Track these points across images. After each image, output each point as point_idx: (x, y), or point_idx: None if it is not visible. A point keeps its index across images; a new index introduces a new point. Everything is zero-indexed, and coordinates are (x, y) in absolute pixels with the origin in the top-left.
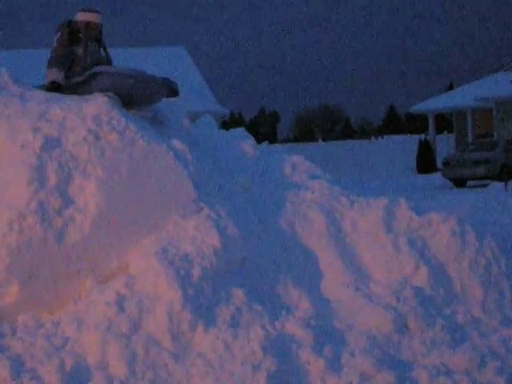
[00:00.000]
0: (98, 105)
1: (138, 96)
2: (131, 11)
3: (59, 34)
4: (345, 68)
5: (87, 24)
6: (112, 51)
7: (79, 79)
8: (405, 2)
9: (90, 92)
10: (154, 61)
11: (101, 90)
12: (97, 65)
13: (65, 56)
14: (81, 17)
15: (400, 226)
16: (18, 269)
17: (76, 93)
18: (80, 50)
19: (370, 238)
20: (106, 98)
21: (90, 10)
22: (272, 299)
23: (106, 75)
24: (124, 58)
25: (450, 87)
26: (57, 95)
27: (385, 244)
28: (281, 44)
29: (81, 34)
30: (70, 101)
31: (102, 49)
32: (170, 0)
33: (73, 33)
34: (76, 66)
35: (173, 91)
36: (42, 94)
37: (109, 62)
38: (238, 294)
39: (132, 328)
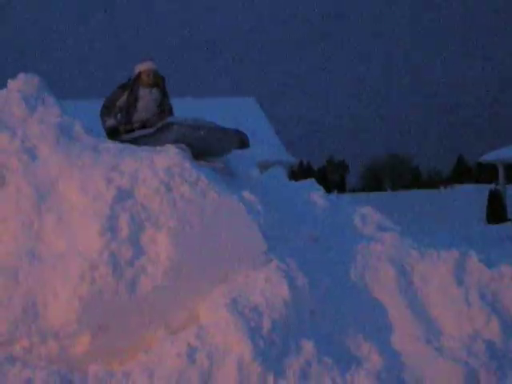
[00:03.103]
0: (169, 156)
1: (209, 147)
2: (204, 62)
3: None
4: (414, 117)
5: (139, 74)
6: (184, 101)
7: (151, 130)
8: (474, 52)
9: (162, 143)
10: (225, 111)
11: (172, 141)
12: (159, 111)
13: (110, 101)
14: (135, 69)
15: (471, 279)
16: (90, 319)
17: (148, 143)
18: (131, 96)
19: (441, 290)
20: (177, 150)
21: (142, 61)
22: (342, 351)
23: (177, 126)
24: (195, 108)
25: None
26: (129, 147)
27: (455, 297)
28: (349, 94)
29: (130, 82)
30: (142, 152)
31: (165, 97)
32: (241, 52)
33: (125, 84)
34: (132, 111)
35: (243, 143)
36: (114, 146)
37: (169, 109)
38: (308, 345)
39: (202, 380)
